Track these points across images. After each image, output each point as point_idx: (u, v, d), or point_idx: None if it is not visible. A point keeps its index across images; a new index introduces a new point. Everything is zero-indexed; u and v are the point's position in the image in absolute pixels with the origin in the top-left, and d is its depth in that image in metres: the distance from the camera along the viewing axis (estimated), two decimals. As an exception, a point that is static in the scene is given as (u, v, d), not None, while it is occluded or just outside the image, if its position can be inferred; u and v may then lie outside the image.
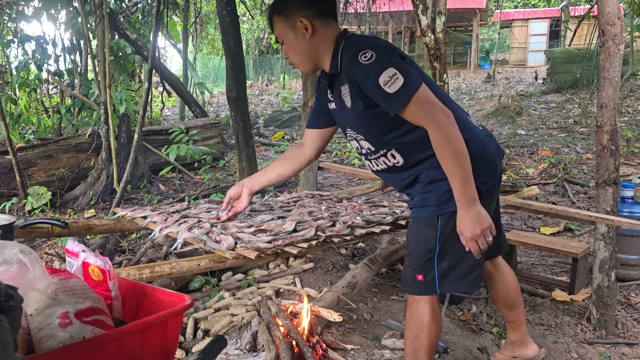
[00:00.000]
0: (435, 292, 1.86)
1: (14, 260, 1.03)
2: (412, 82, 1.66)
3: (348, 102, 1.81)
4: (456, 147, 1.67)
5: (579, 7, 16.15)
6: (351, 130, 1.92)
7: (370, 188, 3.85)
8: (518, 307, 2.25)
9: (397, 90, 1.64)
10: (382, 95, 1.67)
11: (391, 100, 1.67)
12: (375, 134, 1.84)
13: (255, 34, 24.88)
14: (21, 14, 6.72)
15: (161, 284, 2.78)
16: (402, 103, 1.66)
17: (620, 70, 2.59)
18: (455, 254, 1.83)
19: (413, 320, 1.91)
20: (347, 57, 1.75)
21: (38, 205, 5.29)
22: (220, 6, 4.86)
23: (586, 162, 6.83)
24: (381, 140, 1.84)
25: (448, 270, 1.84)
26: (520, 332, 2.27)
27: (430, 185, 1.83)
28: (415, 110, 1.68)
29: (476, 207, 1.71)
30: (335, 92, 1.89)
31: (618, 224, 2.59)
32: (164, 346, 1.06)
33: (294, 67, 1.97)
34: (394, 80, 1.64)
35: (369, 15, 17.00)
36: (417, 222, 1.90)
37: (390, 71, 1.64)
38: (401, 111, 1.69)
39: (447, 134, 1.67)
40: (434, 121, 1.67)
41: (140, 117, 4.90)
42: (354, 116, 1.84)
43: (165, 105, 13.62)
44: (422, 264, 1.86)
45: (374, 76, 1.65)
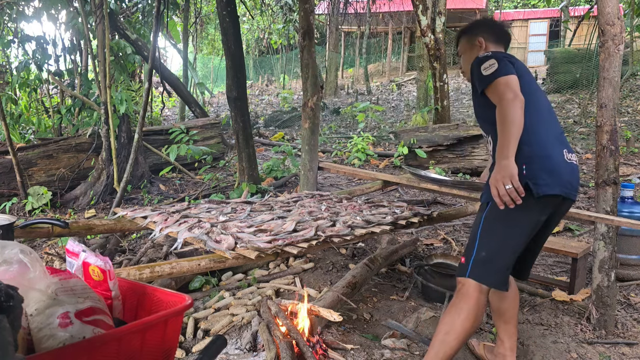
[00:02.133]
0: (465, 274, 2.00)
1: (14, 260, 1.03)
2: (502, 69, 1.99)
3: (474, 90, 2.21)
4: (508, 117, 1.91)
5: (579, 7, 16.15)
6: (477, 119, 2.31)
7: (370, 188, 3.85)
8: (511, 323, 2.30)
9: (490, 73, 2.00)
10: (479, 77, 2.04)
11: (483, 79, 2.02)
12: (480, 119, 2.24)
13: (255, 34, 24.88)
14: (21, 14, 6.72)
15: (161, 283, 2.78)
16: (489, 81, 1.99)
17: (620, 70, 2.59)
18: (494, 245, 1.99)
19: (457, 302, 2.00)
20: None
21: (38, 205, 5.29)
22: (220, 6, 4.86)
23: (586, 162, 6.83)
24: (484, 126, 2.23)
25: (484, 260, 1.99)
26: (509, 347, 2.30)
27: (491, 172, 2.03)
28: (496, 89, 1.97)
29: (504, 161, 1.90)
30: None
31: (618, 224, 2.59)
32: (164, 346, 1.07)
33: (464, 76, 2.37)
34: (491, 67, 2.01)
35: (369, 16, 17.02)
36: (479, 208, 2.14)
37: (491, 61, 2.03)
38: (487, 89, 2.02)
39: (507, 107, 1.92)
40: (503, 98, 1.94)
41: (141, 117, 4.90)
42: (474, 102, 2.24)
43: (165, 105, 13.63)
44: (468, 246, 2.07)
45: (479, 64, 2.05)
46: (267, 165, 6.35)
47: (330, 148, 8.73)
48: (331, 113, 13.14)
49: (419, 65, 10.93)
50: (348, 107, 12.39)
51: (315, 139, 4.25)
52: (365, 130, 9.99)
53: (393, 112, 13.27)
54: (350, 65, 22.98)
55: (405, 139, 7.12)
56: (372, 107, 10.37)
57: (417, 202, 5.19)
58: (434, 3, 8.41)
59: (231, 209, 2.84)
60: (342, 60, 21.25)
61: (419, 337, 2.57)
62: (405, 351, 2.47)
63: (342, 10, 15.77)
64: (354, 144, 7.91)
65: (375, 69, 22.38)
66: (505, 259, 1.99)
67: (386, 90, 17.51)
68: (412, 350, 2.49)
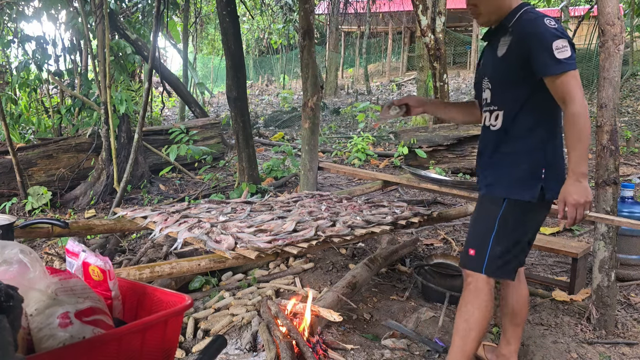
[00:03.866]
0: (480, 270, 1.98)
1: (14, 260, 1.03)
2: (574, 59, 1.84)
3: (501, 50, 1.98)
4: (585, 125, 1.82)
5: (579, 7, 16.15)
6: (486, 79, 2.09)
7: (370, 188, 3.85)
8: (520, 326, 2.29)
9: (564, 58, 1.80)
10: (549, 56, 1.81)
11: (554, 64, 1.81)
12: (501, 87, 2.02)
13: (255, 34, 24.88)
14: (21, 14, 6.72)
15: (161, 283, 2.78)
16: (563, 70, 1.80)
17: (620, 70, 2.59)
18: (510, 240, 1.98)
19: (470, 299, 2.02)
20: (530, 17, 1.91)
21: (38, 205, 5.29)
22: (220, 6, 4.86)
23: (586, 162, 6.81)
24: (501, 97, 2.02)
25: (500, 255, 1.98)
26: (513, 349, 2.30)
27: (506, 169, 2.00)
28: (568, 82, 1.81)
29: (585, 182, 1.84)
30: (491, 43, 2.08)
31: (618, 224, 2.59)
32: (164, 346, 1.06)
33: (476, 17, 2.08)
34: (564, 50, 1.81)
35: (369, 15, 17.02)
36: (484, 199, 2.09)
37: (564, 42, 1.82)
38: (557, 76, 1.82)
39: (582, 111, 1.81)
40: (576, 97, 1.81)
41: (141, 117, 4.90)
42: (497, 64, 2.01)
43: (165, 105, 13.63)
44: (478, 239, 2.02)
45: (551, 38, 1.82)
46: (267, 165, 6.35)
47: (330, 148, 8.73)
48: (331, 113, 13.14)
49: (419, 65, 10.93)
50: (348, 107, 12.39)
51: (315, 139, 4.25)
52: (365, 130, 9.99)
53: (393, 112, 13.24)
54: (350, 65, 22.98)
55: (405, 139, 7.13)
56: (372, 107, 10.37)
57: (417, 202, 5.19)
58: (434, 3, 8.40)
59: (231, 209, 2.84)
60: (342, 60, 21.25)
61: (419, 337, 2.57)
62: (405, 351, 2.47)
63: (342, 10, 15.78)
64: (354, 144, 7.91)
65: (375, 69, 22.38)
66: (518, 255, 2.03)
67: (386, 90, 17.51)
68: (412, 350, 2.49)
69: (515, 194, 1.96)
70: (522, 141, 1.97)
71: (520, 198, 1.95)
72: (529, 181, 1.95)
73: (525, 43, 1.87)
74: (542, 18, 1.88)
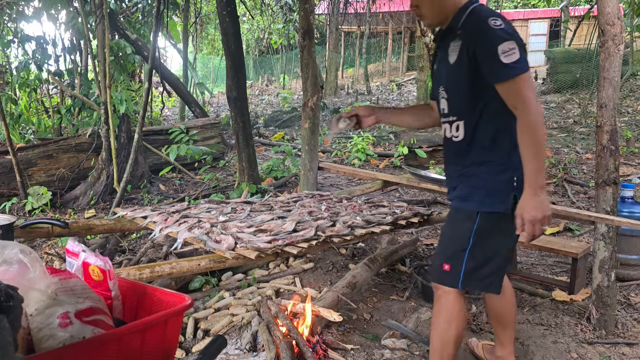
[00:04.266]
0: (456, 285, 1.90)
1: (14, 260, 1.03)
2: (524, 62, 1.71)
3: (452, 58, 1.85)
4: (540, 135, 1.71)
5: (579, 7, 16.15)
6: (442, 89, 1.97)
7: (370, 188, 3.85)
8: (510, 327, 2.27)
9: (511, 62, 1.67)
10: (495, 61, 1.69)
11: (501, 69, 1.69)
12: (456, 97, 1.90)
13: (255, 34, 24.88)
14: (21, 14, 6.72)
15: (161, 284, 2.78)
16: (511, 75, 1.69)
17: (620, 70, 2.59)
18: (485, 253, 1.88)
19: (442, 314, 1.95)
20: (474, 17, 1.80)
21: (38, 205, 5.29)
22: (220, 6, 4.86)
23: (586, 162, 6.83)
24: (458, 106, 1.91)
25: (475, 268, 1.89)
26: (508, 351, 2.28)
27: (478, 181, 1.89)
28: (518, 87, 1.71)
29: (542, 195, 1.73)
30: (442, 47, 1.95)
31: (618, 224, 2.59)
32: (164, 346, 1.07)
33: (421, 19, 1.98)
34: (512, 53, 1.68)
35: (369, 15, 17.02)
36: (457, 213, 1.97)
37: (511, 44, 1.68)
38: (504, 82, 1.72)
39: (537, 120, 1.71)
40: (529, 104, 1.70)
41: (141, 117, 4.90)
42: (450, 72, 1.89)
43: (165, 105, 13.62)
44: (452, 254, 1.92)
45: (496, 42, 1.69)
46: (267, 165, 6.35)
47: (330, 148, 8.72)
48: (331, 113, 13.14)
49: (419, 65, 10.93)
50: (348, 107, 12.38)
51: (315, 139, 4.25)
52: (365, 130, 9.99)
53: (393, 112, 13.25)
54: (350, 65, 22.98)
55: (405, 139, 7.13)
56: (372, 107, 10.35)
57: (417, 202, 5.19)
58: (434, 3, 8.39)
59: (231, 209, 2.84)
60: (342, 60, 21.24)
61: (419, 337, 2.57)
62: (405, 351, 2.47)
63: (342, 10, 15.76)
64: (354, 144, 7.91)
65: (375, 69, 22.38)
66: (497, 263, 1.92)
67: (386, 90, 17.51)
68: (412, 350, 2.49)
69: (489, 206, 1.85)
70: (488, 151, 1.86)
71: (494, 210, 1.84)
72: (502, 192, 1.84)
73: (472, 48, 1.76)
74: (486, 18, 1.74)
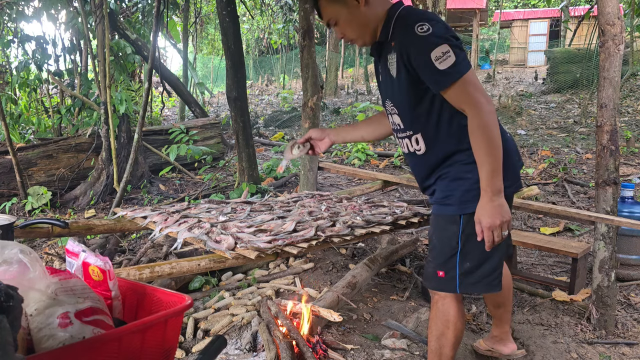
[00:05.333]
0: (455, 290, 1.87)
1: (14, 260, 1.03)
2: (463, 62, 1.63)
3: (393, 71, 1.78)
4: (493, 135, 1.65)
5: (579, 7, 16.15)
6: (389, 102, 1.90)
7: (370, 188, 3.85)
8: (505, 307, 2.29)
9: (447, 67, 1.60)
10: (431, 70, 1.63)
11: (439, 77, 1.63)
12: (408, 110, 1.82)
13: (255, 34, 24.88)
14: (21, 14, 6.72)
15: (161, 284, 2.78)
16: (451, 81, 1.63)
17: (620, 70, 2.59)
18: (478, 254, 1.83)
19: (439, 317, 1.93)
20: (401, 26, 1.72)
21: (38, 205, 5.29)
22: (220, 6, 4.86)
23: (586, 162, 6.83)
24: (411, 119, 1.83)
25: (471, 270, 1.84)
26: (502, 330, 2.34)
27: (453, 182, 1.82)
28: (461, 91, 1.64)
29: (500, 199, 1.67)
30: (382, 61, 1.86)
31: (618, 224, 2.59)
32: (164, 346, 1.07)
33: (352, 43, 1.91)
34: (446, 57, 1.60)
35: (369, 15, 16.98)
36: (440, 218, 1.90)
37: (444, 47, 1.61)
38: (447, 90, 1.66)
39: (488, 120, 1.64)
40: (477, 105, 1.64)
41: (140, 117, 4.90)
42: (394, 86, 1.81)
43: (165, 105, 13.63)
44: (444, 260, 1.87)
45: (427, 50, 1.61)
46: (267, 165, 6.35)
47: (330, 148, 8.73)
48: (331, 113, 13.14)
49: (419, 65, 10.91)
50: (348, 107, 12.37)
51: (315, 139, 4.24)
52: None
53: (393, 112, 13.26)
54: (350, 65, 22.97)
55: (405, 139, 7.11)
56: (372, 107, 10.36)
57: (417, 202, 5.19)
58: (434, 3, 8.40)
59: (231, 209, 2.84)
60: (342, 60, 21.23)
61: (419, 337, 2.57)
62: (405, 351, 2.47)
63: (342, 10, 15.70)
64: (354, 144, 7.91)
65: (375, 69, 22.34)
66: (493, 263, 1.87)
67: (386, 90, 17.48)
68: (412, 350, 2.49)
69: (470, 207, 1.77)
70: (455, 154, 1.80)
71: (473, 209, 1.76)
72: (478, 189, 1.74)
73: (406, 60, 1.69)
74: (412, 26, 1.65)
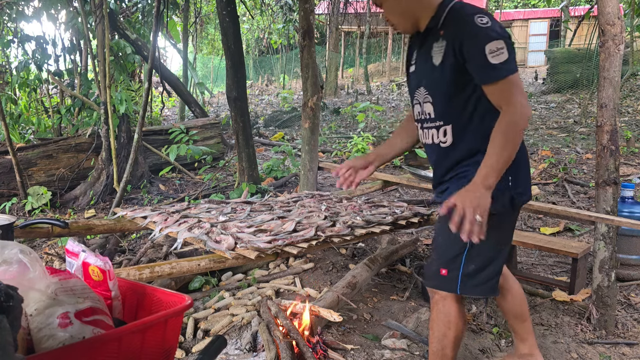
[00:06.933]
0: (455, 290, 1.85)
1: (14, 260, 1.03)
2: (513, 62, 1.65)
3: (437, 58, 1.76)
4: (515, 138, 1.65)
5: (579, 7, 16.15)
6: (423, 90, 1.88)
7: (370, 188, 3.85)
8: (527, 319, 2.22)
9: (499, 63, 1.61)
10: (482, 62, 1.63)
11: (489, 71, 1.63)
12: (445, 100, 1.80)
13: (255, 34, 24.89)
14: (21, 14, 6.72)
15: (161, 284, 2.78)
16: (499, 76, 1.63)
17: (620, 70, 2.59)
18: (483, 257, 1.83)
19: (440, 318, 1.90)
20: (457, 16, 1.72)
21: (38, 205, 5.29)
22: (220, 6, 4.86)
23: (586, 162, 6.83)
24: (445, 109, 1.82)
25: (474, 272, 1.83)
26: (530, 344, 2.22)
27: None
28: (506, 89, 1.65)
29: (485, 193, 1.66)
30: (423, 49, 1.85)
31: (618, 224, 2.59)
32: (164, 346, 1.07)
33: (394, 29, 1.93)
34: (500, 53, 1.61)
35: (369, 16, 17.01)
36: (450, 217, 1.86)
37: (499, 43, 1.61)
38: (492, 84, 1.66)
39: (518, 122, 1.64)
40: (516, 105, 1.64)
41: (140, 117, 4.90)
42: (435, 74, 1.79)
43: (165, 105, 13.63)
44: (449, 259, 1.85)
45: (484, 41, 1.62)
46: (267, 165, 6.35)
47: (330, 148, 8.72)
48: (331, 113, 13.14)
49: (419, 65, 10.90)
50: (348, 107, 12.38)
51: (315, 139, 4.25)
52: (365, 130, 9.99)
53: (393, 112, 13.27)
54: (350, 65, 22.98)
55: (405, 139, 7.11)
56: (372, 107, 10.36)
57: (417, 202, 5.19)
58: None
59: (231, 209, 2.84)
60: (342, 60, 21.25)
61: (419, 337, 2.57)
62: (405, 351, 2.47)
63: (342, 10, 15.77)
64: (354, 144, 7.91)
65: (375, 69, 22.38)
66: (496, 267, 1.88)
67: (386, 90, 17.51)
68: (412, 351, 2.49)
69: None
70: (477, 155, 1.78)
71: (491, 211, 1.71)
72: (497, 191, 1.73)
73: (458, 47, 1.68)
74: (472, 16, 1.66)
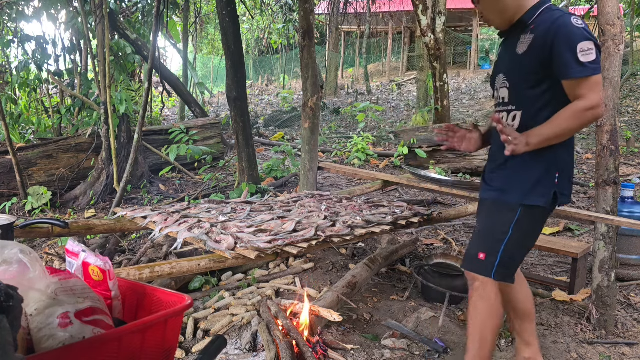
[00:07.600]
0: (489, 275, 1.93)
1: (14, 260, 1.03)
2: (599, 64, 1.77)
3: (521, 49, 1.89)
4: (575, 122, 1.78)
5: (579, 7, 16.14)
6: (502, 77, 2.01)
7: (370, 188, 3.85)
8: (533, 320, 2.24)
9: (587, 62, 1.74)
10: (572, 58, 1.75)
11: (577, 67, 1.74)
12: (521, 87, 1.93)
13: (255, 34, 24.88)
14: (21, 14, 6.71)
15: (161, 284, 2.78)
16: (585, 74, 1.75)
17: (620, 70, 2.59)
18: (520, 246, 1.96)
19: (482, 304, 1.96)
20: (556, 15, 1.84)
21: (38, 205, 5.29)
22: (220, 6, 4.86)
23: (586, 162, 6.83)
24: (520, 96, 1.94)
25: (510, 259, 1.94)
26: (534, 350, 2.23)
27: (523, 174, 1.92)
28: (588, 88, 1.76)
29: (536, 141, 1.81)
30: (509, 40, 2.00)
31: (618, 224, 2.59)
32: (164, 346, 1.07)
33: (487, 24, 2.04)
34: (589, 53, 1.74)
35: (369, 15, 17.02)
36: (496, 205, 1.99)
37: (590, 44, 1.75)
38: (576, 80, 1.76)
39: (589, 113, 1.76)
40: (593, 100, 1.74)
41: (140, 117, 4.90)
42: (516, 63, 1.92)
43: (165, 105, 13.62)
44: (490, 244, 1.95)
45: (577, 39, 1.75)
46: (267, 165, 6.35)
47: (330, 148, 8.73)
48: (331, 113, 13.14)
49: (419, 65, 10.94)
50: (348, 107, 12.38)
51: (315, 139, 4.25)
52: (365, 130, 9.99)
53: (393, 112, 13.27)
54: (350, 65, 22.98)
55: (405, 139, 7.12)
56: (372, 107, 10.36)
57: (417, 202, 5.19)
58: (434, 3, 8.40)
59: (231, 209, 2.84)
60: (342, 60, 21.25)
61: (419, 337, 2.57)
62: (405, 351, 2.47)
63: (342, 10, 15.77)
64: (354, 144, 7.91)
65: (375, 69, 22.38)
66: (522, 258, 2.04)
67: (386, 90, 17.51)
68: (412, 350, 2.49)
69: (532, 199, 1.89)
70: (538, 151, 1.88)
71: (536, 204, 1.89)
72: (545, 186, 1.89)
73: (549, 42, 1.79)
74: (568, 16, 1.80)
